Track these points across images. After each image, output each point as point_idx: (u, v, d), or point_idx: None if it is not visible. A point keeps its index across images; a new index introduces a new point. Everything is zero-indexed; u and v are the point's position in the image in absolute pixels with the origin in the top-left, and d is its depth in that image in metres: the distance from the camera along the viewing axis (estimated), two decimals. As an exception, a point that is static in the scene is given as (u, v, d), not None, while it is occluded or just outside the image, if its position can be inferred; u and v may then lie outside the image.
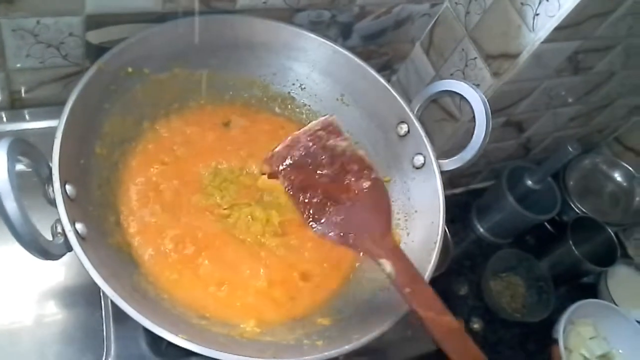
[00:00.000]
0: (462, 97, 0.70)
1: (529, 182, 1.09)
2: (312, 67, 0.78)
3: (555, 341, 1.02)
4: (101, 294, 0.66)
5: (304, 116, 0.80)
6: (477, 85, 0.84)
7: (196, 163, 0.70)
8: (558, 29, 0.74)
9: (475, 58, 0.86)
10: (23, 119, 0.76)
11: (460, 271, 1.11)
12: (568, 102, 1.02)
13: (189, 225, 0.65)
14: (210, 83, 0.75)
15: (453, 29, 0.89)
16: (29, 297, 0.66)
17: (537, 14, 0.75)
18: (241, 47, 0.75)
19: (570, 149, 0.99)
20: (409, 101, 0.74)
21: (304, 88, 0.80)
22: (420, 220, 0.69)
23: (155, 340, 0.65)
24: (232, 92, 0.77)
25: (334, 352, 0.54)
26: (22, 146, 0.50)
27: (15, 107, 0.76)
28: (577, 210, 1.18)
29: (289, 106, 0.80)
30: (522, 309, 1.10)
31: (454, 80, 0.70)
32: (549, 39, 0.76)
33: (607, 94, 1.05)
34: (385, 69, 1.02)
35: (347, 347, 0.55)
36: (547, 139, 1.14)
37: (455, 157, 0.69)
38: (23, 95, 0.75)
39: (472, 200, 1.19)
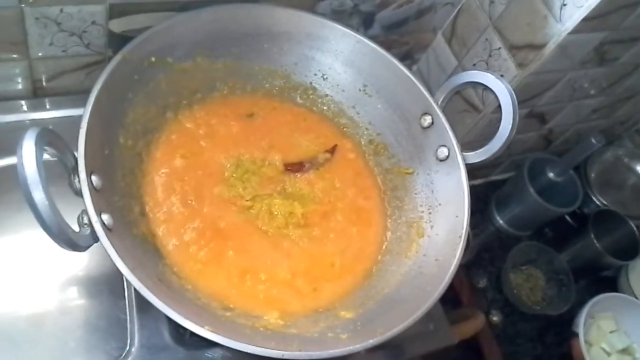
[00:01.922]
0: (486, 88, 0.69)
1: (551, 175, 1.08)
2: (335, 57, 0.77)
3: (576, 335, 1.01)
4: (125, 283, 0.66)
5: (326, 107, 0.80)
6: (502, 76, 0.83)
7: (218, 154, 0.70)
8: (586, 19, 0.73)
9: (500, 48, 0.84)
10: (44, 108, 0.76)
11: (479, 263, 1.11)
12: (591, 94, 1.01)
13: (211, 216, 0.65)
14: (232, 72, 0.75)
15: (477, 19, 0.88)
16: (53, 285, 0.67)
17: (565, 5, 0.74)
18: (263, 36, 0.74)
19: (593, 140, 0.98)
20: (431, 92, 0.73)
21: (326, 78, 0.79)
22: (444, 214, 0.69)
23: (178, 330, 0.65)
24: (253, 82, 0.77)
25: (358, 347, 0.54)
26: (49, 136, 0.50)
27: (37, 95, 0.76)
28: (598, 203, 1.16)
29: (311, 96, 0.80)
30: (542, 302, 1.09)
31: (480, 71, 0.69)
32: (576, 30, 0.75)
33: (631, 86, 1.04)
34: (406, 58, 1.01)
35: (371, 342, 0.55)
36: (568, 130, 1.13)
37: (480, 150, 0.68)
38: (45, 84, 0.75)
39: (491, 191, 1.18)
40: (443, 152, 0.71)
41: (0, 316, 0.63)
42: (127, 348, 0.63)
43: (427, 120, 0.73)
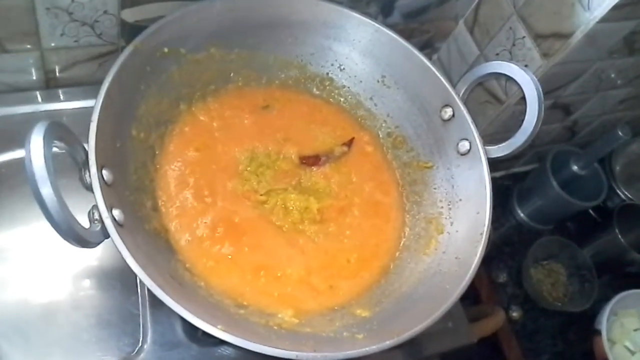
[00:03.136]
0: (510, 79, 0.66)
1: (575, 167, 1.05)
2: (352, 47, 0.75)
3: (598, 332, 0.99)
4: (138, 279, 0.65)
5: (343, 98, 0.78)
6: (526, 66, 0.80)
7: (233, 147, 0.68)
8: (616, 7, 0.70)
9: (524, 37, 0.81)
10: (57, 99, 0.75)
11: (499, 257, 1.08)
12: (618, 85, 0.97)
13: (225, 211, 0.64)
14: (246, 63, 0.73)
15: (500, 7, 0.85)
16: (65, 279, 0.66)
17: (594, -8, 0.71)
18: (278, 25, 0.72)
19: (620, 132, 0.95)
20: (451, 82, 0.71)
21: (343, 69, 0.77)
22: (465, 210, 0.66)
23: (191, 327, 0.63)
24: (268, 73, 0.75)
25: (374, 348, 0.52)
26: (58, 130, 0.48)
27: (50, 86, 0.75)
28: (623, 197, 1.13)
29: (327, 87, 0.78)
30: (564, 298, 1.06)
31: (504, 62, 0.66)
32: (605, 19, 0.72)
33: (660, 76, 1.00)
34: (426, 47, 0.98)
35: (388, 343, 0.53)
36: (594, 122, 1.09)
37: (503, 144, 0.66)
38: (57, 74, 0.74)
39: (513, 184, 1.16)
40: (464, 145, 0.69)
41: (13, 310, 0.63)
42: (140, 344, 0.62)
43: (448, 112, 0.70)
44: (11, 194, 0.68)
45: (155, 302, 0.64)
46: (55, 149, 0.47)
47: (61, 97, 0.75)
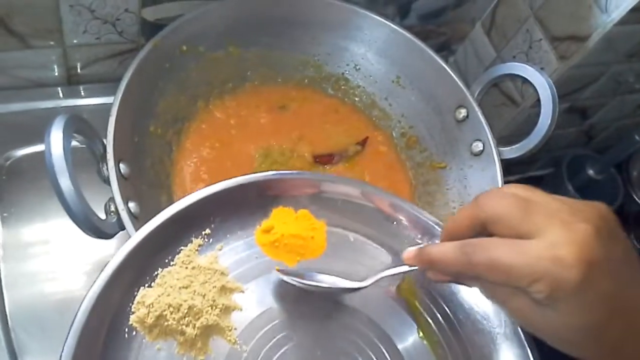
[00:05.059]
0: (525, 81, 0.66)
1: (591, 172, 1.04)
2: (368, 47, 0.76)
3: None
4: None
5: (358, 98, 0.78)
6: (542, 69, 0.80)
7: (248, 145, 0.69)
8: (634, 10, 0.69)
9: (541, 40, 0.81)
10: (79, 95, 0.77)
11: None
12: (636, 89, 0.96)
13: (239, 208, 0.65)
14: (263, 62, 0.74)
15: (517, 8, 0.85)
16: (81, 272, 0.67)
17: (611, -6, 0.71)
18: (296, 25, 0.73)
19: (637, 137, 0.94)
20: (467, 84, 0.71)
21: (359, 69, 0.77)
22: (477, 210, 0.67)
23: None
24: (285, 72, 0.76)
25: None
26: (77, 123, 0.50)
27: (72, 83, 0.77)
28: (639, 202, 1.12)
29: (342, 87, 0.78)
30: (577, 303, 1.05)
31: (519, 64, 0.66)
32: (623, 21, 0.71)
33: (680, 81, 0.99)
34: (443, 49, 0.98)
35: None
36: (611, 126, 1.08)
37: (516, 145, 0.66)
38: (79, 71, 0.75)
39: (528, 188, 1.15)
40: (478, 146, 0.69)
41: (30, 302, 0.64)
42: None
43: (462, 113, 0.71)
44: (32, 187, 0.69)
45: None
46: (74, 144, 0.49)
47: (82, 93, 0.77)
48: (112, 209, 0.52)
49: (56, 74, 0.75)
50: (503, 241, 0.36)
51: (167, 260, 0.44)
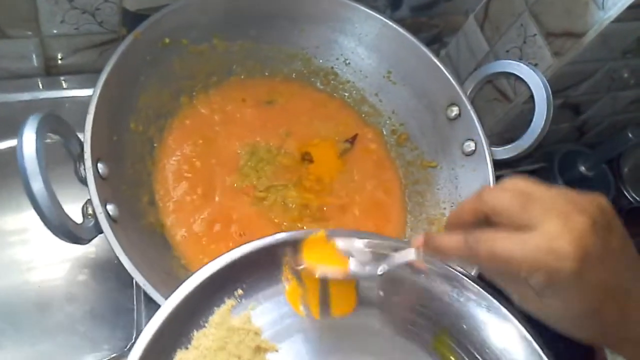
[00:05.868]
0: (518, 78, 0.65)
1: (582, 168, 1.03)
2: (359, 41, 0.74)
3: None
4: (132, 274, 0.65)
5: (347, 94, 0.76)
6: (536, 65, 0.78)
7: (233, 141, 0.67)
8: (632, 7, 0.68)
9: (535, 35, 0.79)
10: (60, 87, 0.74)
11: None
12: (630, 85, 0.95)
13: (223, 207, 0.63)
14: (249, 55, 0.72)
15: (512, 2, 0.82)
16: (60, 270, 0.65)
17: (608, -10, 0.69)
18: (283, 17, 0.71)
19: (630, 134, 0.93)
20: (460, 80, 0.69)
21: (349, 63, 0.75)
22: (468, 212, 0.65)
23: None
24: (272, 65, 0.74)
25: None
26: (52, 122, 0.47)
27: (52, 73, 0.74)
28: (631, 200, 1.11)
29: (332, 82, 0.76)
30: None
31: (514, 62, 0.65)
32: (619, 18, 0.69)
33: (674, 77, 0.98)
34: (435, 42, 0.96)
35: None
36: (603, 122, 1.07)
37: (509, 146, 0.65)
38: (59, 62, 0.73)
39: (518, 184, 1.14)
40: (470, 146, 0.67)
41: (5, 299, 0.62)
42: (133, 339, 0.62)
43: (454, 111, 0.69)
44: (11, 181, 0.67)
45: (150, 298, 0.63)
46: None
47: (63, 84, 0.74)
48: (90, 211, 0.50)
49: (35, 64, 0.72)
50: (503, 234, 0.39)
51: (201, 322, 0.44)
